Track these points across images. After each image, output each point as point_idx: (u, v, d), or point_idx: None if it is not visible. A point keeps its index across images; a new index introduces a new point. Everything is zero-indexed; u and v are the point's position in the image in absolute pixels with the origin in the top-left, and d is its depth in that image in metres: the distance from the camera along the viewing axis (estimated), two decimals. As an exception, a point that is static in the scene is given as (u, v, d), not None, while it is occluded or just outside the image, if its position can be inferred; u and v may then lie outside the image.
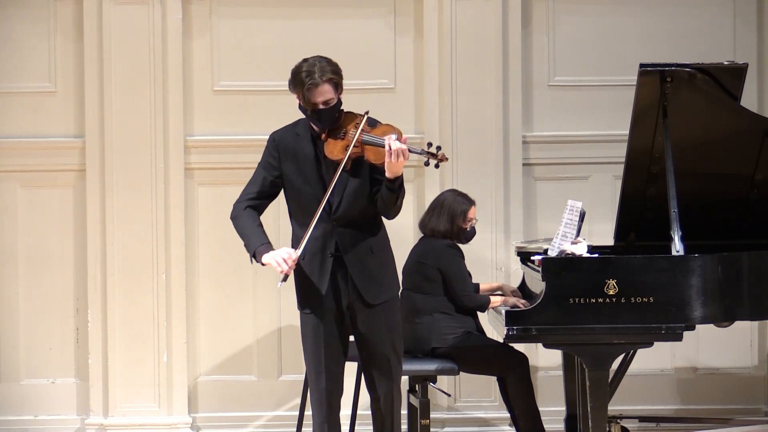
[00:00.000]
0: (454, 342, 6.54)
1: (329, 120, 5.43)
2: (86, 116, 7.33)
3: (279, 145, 5.54)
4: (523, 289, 6.85)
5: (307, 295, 5.52)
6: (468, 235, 6.72)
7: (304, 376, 6.74)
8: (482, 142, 7.34)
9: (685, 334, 5.81)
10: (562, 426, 6.89)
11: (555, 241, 6.41)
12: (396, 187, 5.35)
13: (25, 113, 7.41)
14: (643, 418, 7.22)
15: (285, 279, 5.40)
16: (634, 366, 6.65)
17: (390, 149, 5.26)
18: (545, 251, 6.38)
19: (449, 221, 6.65)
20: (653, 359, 7.27)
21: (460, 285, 6.59)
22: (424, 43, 7.39)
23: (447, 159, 5.36)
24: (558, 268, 5.81)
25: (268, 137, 5.61)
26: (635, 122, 6.18)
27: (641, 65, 6.02)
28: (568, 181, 7.48)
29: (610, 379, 5.92)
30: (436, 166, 5.39)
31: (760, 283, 5.93)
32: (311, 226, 5.36)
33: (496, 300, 6.59)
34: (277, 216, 7.45)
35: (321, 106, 5.40)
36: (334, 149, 5.42)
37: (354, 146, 5.37)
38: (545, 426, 6.63)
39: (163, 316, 7.33)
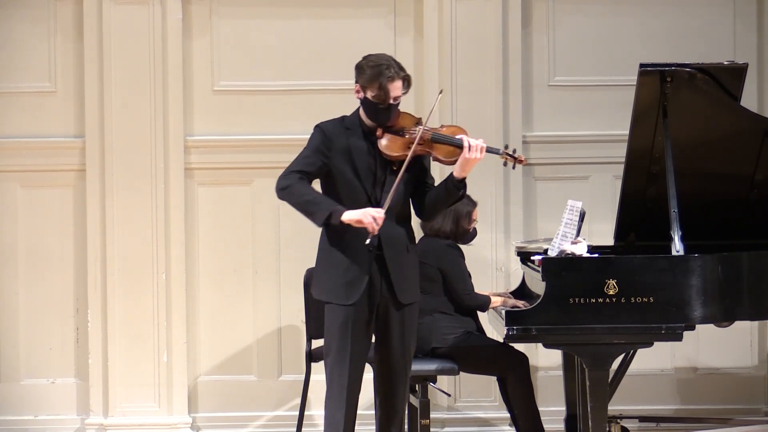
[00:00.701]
0: (454, 342, 6.55)
1: (395, 116, 5.50)
2: (86, 116, 7.33)
3: (330, 135, 5.54)
4: (523, 289, 6.85)
5: (340, 288, 5.49)
6: (470, 237, 6.73)
7: (304, 376, 6.74)
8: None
9: (685, 334, 5.81)
10: (562, 426, 6.89)
11: (555, 241, 6.41)
12: (462, 187, 5.46)
13: (25, 113, 7.41)
14: (643, 418, 7.22)
15: (373, 239, 5.36)
16: (634, 366, 6.65)
17: (470, 147, 5.40)
18: (545, 251, 6.38)
19: (454, 222, 6.65)
20: (653, 359, 7.27)
21: (461, 284, 6.59)
22: (424, 43, 7.40)
23: (525, 161, 5.61)
24: (558, 268, 5.82)
25: (315, 128, 5.59)
26: (635, 122, 6.18)
27: (641, 65, 6.02)
28: (568, 181, 7.48)
29: (610, 379, 5.92)
30: (513, 167, 5.60)
31: (760, 283, 5.94)
32: (391, 194, 5.36)
33: (496, 300, 6.60)
34: (276, 215, 7.47)
35: (392, 101, 5.45)
36: (393, 145, 5.47)
37: (419, 143, 5.43)
38: (545, 426, 6.62)
39: (163, 316, 7.33)
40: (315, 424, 7.40)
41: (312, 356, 6.71)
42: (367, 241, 5.36)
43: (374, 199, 5.45)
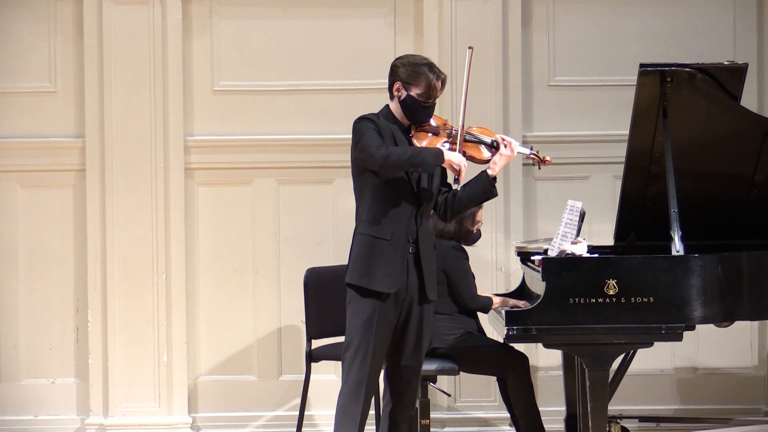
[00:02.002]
0: (454, 342, 6.54)
1: (431, 115, 5.62)
2: (86, 116, 7.33)
3: (378, 124, 5.57)
4: (523, 289, 6.85)
5: (385, 276, 5.51)
6: (474, 238, 6.73)
7: (304, 376, 6.74)
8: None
9: (685, 334, 5.80)
10: (562, 426, 6.89)
11: (555, 241, 6.41)
12: (494, 185, 5.62)
13: (25, 113, 7.41)
14: (643, 418, 7.22)
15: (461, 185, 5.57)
16: (634, 366, 6.65)
17: (506, 144, 5.58)
18: (545, 251, 6.38)
19: (458, 223, 6.65)
20: (653, 359, 7.27)
21: (464, 287, 6.58)
22: (424, 43, 7.40)
23: (550, 161, 5.79)
24: (558, 268, 5.81)
25: (359, 120, 5.57)
26: (635, 122, 6.18)
27: (641, 65, 6.02)
28: (568, 181, 7.48)
29: (610, 379, 5.92)
30: (539, 167, 5.83)
31: (760, 283, 5.93)
32: (462, 134, 5.52)
33: (496, 301, 6.60)
34: (276, 215, 7.47)
35: (431, 101, 5.57)
36: (429, 143, 5.55)
37: (454, 143, 5.57)
38: (545, 426, 6.62)
39: (163, 316, 7.33)
40: (315, 424, 7.41)
41: (312, 356, 6.72)
42: (458, 187, 5.55)
43: (415, 192, 5.53)
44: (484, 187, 5.61)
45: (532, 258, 6.44)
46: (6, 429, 7.39)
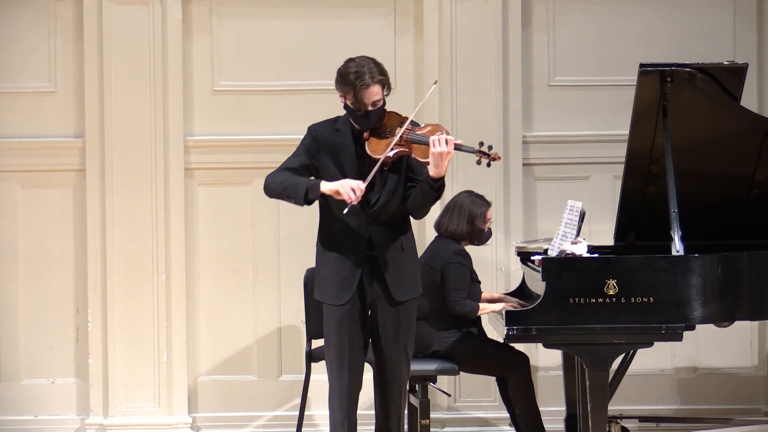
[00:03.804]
0: (455, 343, 6.54)
1: (377, 120, 5.48)
2: (86, 116, 7.33)
3: (318, 137, 5.56)
4: (523, 289, 6.85)
5: (333, 288, 5.52)
6: (486, 236, 6.72)
7: (304, 376, 6.75)
8: (482, 142, 7.32)
9: (685, 334, 5.81)
10: (562, 426, 6.89)
11: (555, 241, 6.41)
12: (438, 187, 5.41)
13: (25, 113, 7.41)
14: (643, 418, 7.22)
15: (350, 209, 5.38)
16: (634, 366, 6.65)
17: (435, 146, 5.32)
18: (545, 251, 6.38)
19: (469, 222, 6.64)
20: (653, 359, 7.27)
21: (452, 292, 6.55)
22: (424, 43, 7.40)
23: (500, 158, 5.51)
24: (558, 268, 5.82)
25: (307, 130, 5.62)
26: (635, 122, 6.18)
27: (641, 65, 6.02)
28: (568, 181, 7.48)
29: (610, 379, 5.92)
30: (488, 164, 5.51)
31: (760, 283, 5.94)
32: (375, 171, 5.36)
33: (485, 308, 6.56)
34: (276, 215, 7.47)
35: (370, 108, 5.44)
36: (377, 147, 5.47)
37: (400, 145, 5.44)
38: (545, 426, 6.63)
39: (163, 316, 7.33)
40: (315, 424, 7.40)
41: (312, 356, 6.72)
42: (345, 211, 5.38)
43: (364, 201, 5.44)
44: (425, 189, 5.44)
45: (532, 258, 6.44)
46: (6, 429, 7.39)
